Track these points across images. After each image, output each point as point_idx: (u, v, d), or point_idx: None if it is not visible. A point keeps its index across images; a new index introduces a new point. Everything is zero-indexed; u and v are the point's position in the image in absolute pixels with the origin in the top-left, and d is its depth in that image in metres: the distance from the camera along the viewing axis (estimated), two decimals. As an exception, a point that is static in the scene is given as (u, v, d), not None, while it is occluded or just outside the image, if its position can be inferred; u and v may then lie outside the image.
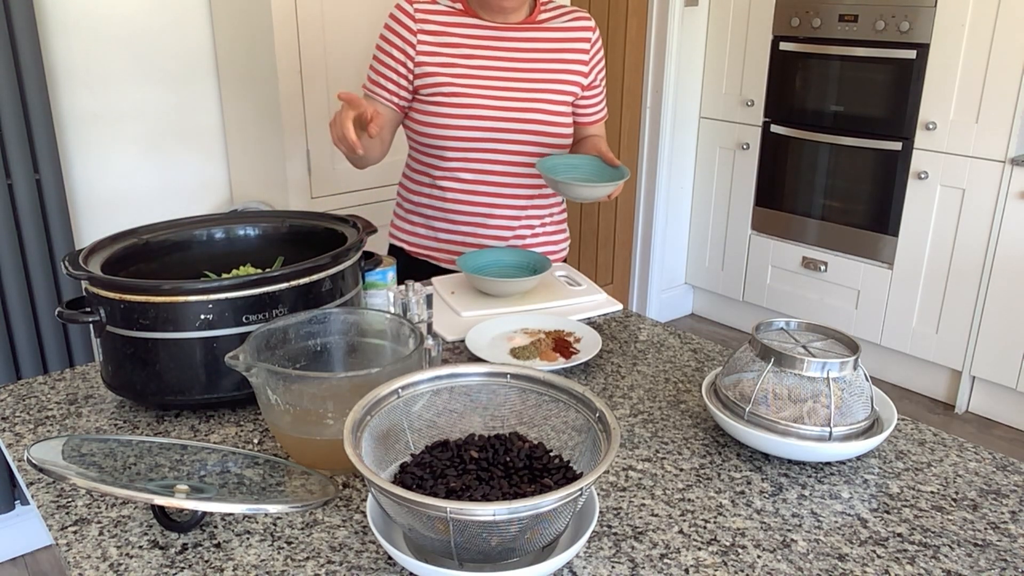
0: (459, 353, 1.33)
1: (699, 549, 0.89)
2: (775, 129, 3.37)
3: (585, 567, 0.86)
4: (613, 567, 0.86)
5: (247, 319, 1.09)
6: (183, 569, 0.85)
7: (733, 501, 0.97)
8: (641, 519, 0.93)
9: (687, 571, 0.85)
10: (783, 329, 1.13)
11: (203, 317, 1.07)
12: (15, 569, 2.30)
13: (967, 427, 3.00)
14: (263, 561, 0.86)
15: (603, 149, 1.59)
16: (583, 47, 1.64)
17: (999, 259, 2.82)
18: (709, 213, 3.73)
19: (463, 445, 0.91)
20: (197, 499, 0.84)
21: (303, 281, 1.13)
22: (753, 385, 1.06)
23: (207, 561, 0.86)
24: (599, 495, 0.98)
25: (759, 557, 0.88)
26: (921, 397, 3.20)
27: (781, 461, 1.05)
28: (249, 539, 0.90)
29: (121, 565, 0.86)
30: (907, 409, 3.12)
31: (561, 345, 1.31)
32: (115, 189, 2.38)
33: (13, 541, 2.33)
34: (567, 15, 1.65)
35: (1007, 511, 0.96)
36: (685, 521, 0.93)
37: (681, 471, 1.03)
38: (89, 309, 1.11)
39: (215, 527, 0.91)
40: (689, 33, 3.50)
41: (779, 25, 3.28)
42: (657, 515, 0.94)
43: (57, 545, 0.89)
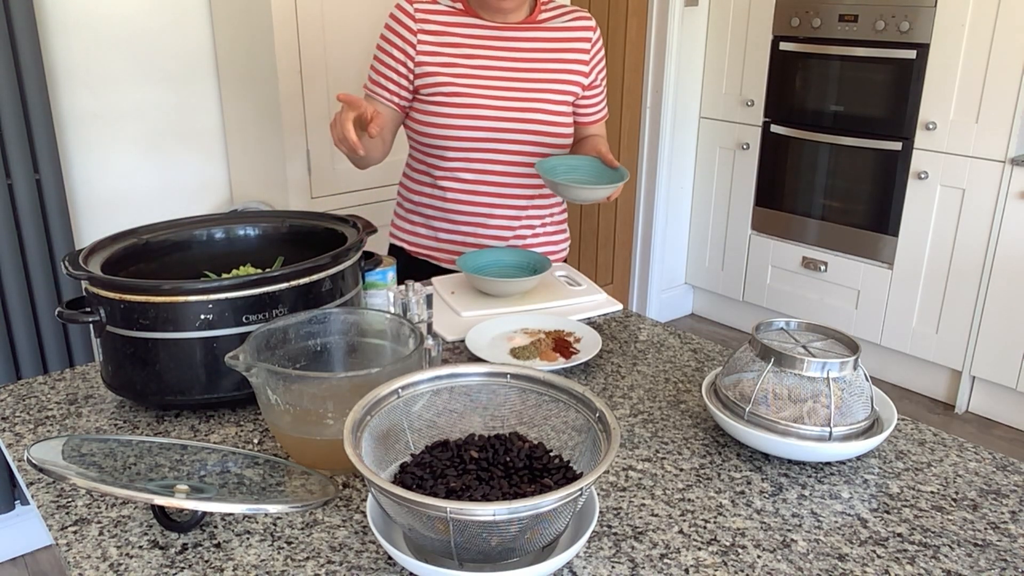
0: (459, 353, 1.33)
1: (699, 549, 0.89)
2: (775, 129, 3.37)
3: (585, 567, 0.86)
4: (613, 567, 0.86)
5: (247, 319, 1.09)
6: (183, 569, 0.85)
7: (733, 501, 0.97)
8: (641, 519, 0.93)
9: (687, 571, 0.85)
10: (783, 329, 1.13)
11: (203, 317, 1.07)
12: (15, 569, 2.30)
13: (967, 427, 3.00)
14: (263, 561, 0.86)
15: (603, 150, 1.59)
16: (584, 47, 1.64)
17: (999, 259, 2.82)
18: (709, 213, 3.73)
19: (463, 445, 0.91)
20: (197, 499, 0.84)
21: (303, 281, 1.13)
22: (753, 385, 1.06)
23: (207, 561, 0.86)
24: (599, 495, 0.98)
25: (759, 557, 0.88)
26: (921, 397, 3.20)
27: (781, 461, 1.05)
28: (249, 539, 0.90)
29: (121, 565, 0.86)
30: (907, 409, 3.12)
31: (561, 345, 1.31)
32: (115, 189, 2.38)
33: (13, 541, 2.33)
34: (568, 15, 1.64)
35: (1007, 511, 0.96)
36: (685, 521, 0.93)
37: (681, 471, 1.03)
38: (89, 309, 1.11)
39: (215, 527, 0.91)
40: (689, 33, 3.50)
41: (779, 25, 3.28)
42: (657, 515, 0.94)
43: (57, 545, 0.89)
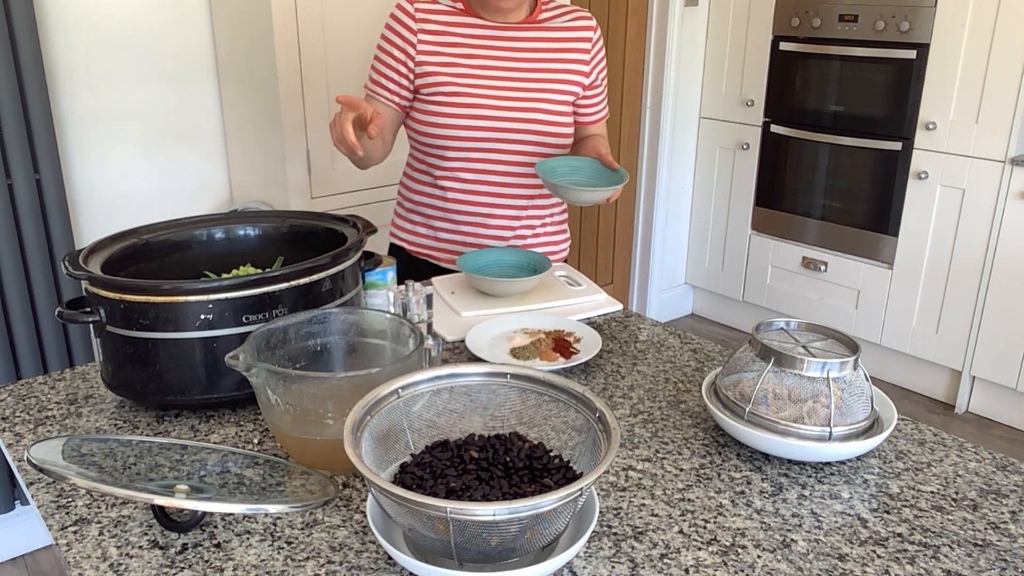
0: (459, 353, 1.33)
1: (699, 549, 0.89)
2: (775, 129, 3.37)
3: (585, 567, 0.86)
4: (613, 567, 0.86)
5: (247, 319, 1.09)
6: (183, 569, 0.85)
7: (733, 501, 0.97)
8: (641, 519, 0.93)
9: (687, 571, 0.85)
10: (783, 329, 1.13)
11: (203, 317, 1.07)
12: (15, 569, 2.30)
13: (967, 427, 3.00)
14: (263, 561, 0.86)
15: (602, 151, 1.58)
16: (584, 47, 1.64)
17: (999, 259, 2.82)
18: (709, 213, 3.73)
19: (463, 445, 0.91)
20: (197, 499, 0.84)
21: (303, 281, 1.13)
22: (753, 385, 1.06)
23: (207, 561, 0.86)
24: (599, 495, 0.98)
25: (759, 557, 0.88)
26: (921, 397, 3.20)
27: (781, 461, 1.05)
28: (249, 539, 0.90)
29: (121, 565, 0.86)
30: (907, 409, 3.12)
31: (561, 345, 1.31)
32: (115, 189, 2.38)
33: (13, 541, 2.33)
34: (568, 15, 1.64)
35: (1007, 511, 0.96)
36: (685, 521, 0.93)
37: (681, 471, 1.03)
38: (89, 309, 1.11)
39: (215, 527, 0.91)
40: (689, 33, 3.50)
41: (779, 25, 3.28)
42: (657, 515, 0.94)
43: (57, 545, 0.89)
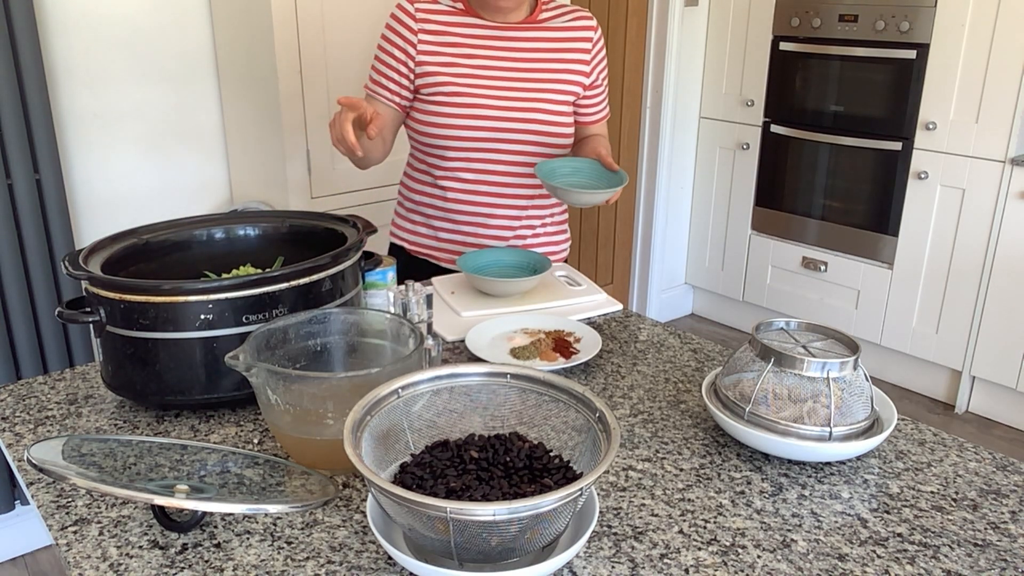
0: (459, 353, 1.33)
1: (699, 549, 0.89)
2: (775, 129, 3.37)
3: (585, 567, 0.86)
4: (613, 567, 0.86)
5: (247, 319, 1.09)
6: (183, 569, 0.85)
7: (733, 501, 0.97)
8: (641, 519, 0.93)
9: (687, 571, 0.85)
10: (783, 329, 1.13)
11: (203, 317, 1.07)
12: (15, 569, 2.30)
13: (967, 427, 3.00)
14: (263, 561, 0.86)
15: (602, 153, 1.58)
16: (585, 47, 1.64)
17: (999, 259, 2.82)
18: (709, 213, 3.73)
19: (463, 445, 0.91)
20: (197, 499, 0.84)
21: (303, 281, 1.13)
22: (753, 385, 1.06)
23: (207, 561, 0.86)
24: (599, 495, 0.98)
25: (759, 557, 0.88)
26: (921, 397, 3.20)
27: (781, 461, 1.05)
28: (249, 539, 0.90)
29: (121, 565, 0.86)
30: (907, 409, 3.12)
31: (561, 345, 1.31)
32: (115, 189, 2.38)
33: (13, 541, 2.33)
34: (568, 14, 1.64)
35: (1007, 511, 0.96)
36: (685, 521, 0.93)
37: (681, 471, 1.03)
38: (89, 309, 1.11)
39: (215, 527, 0.91)
40: (689, 33, 3.50)
41: (779, 25, 3.28)
42: (657, 515, 0.94)
43: (57, 545, 0.89)
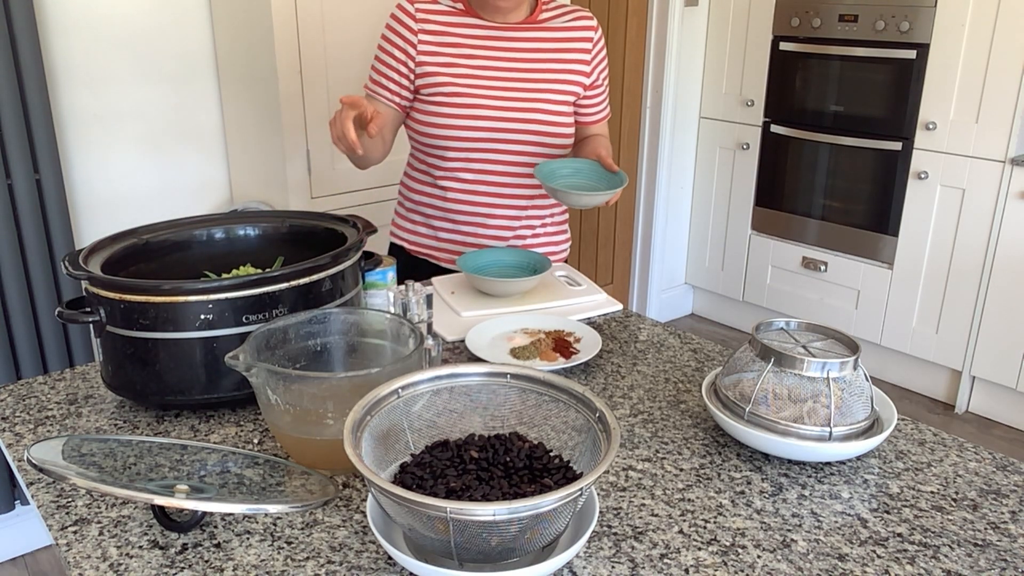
0: (459, 353, 1.33)
1: (699, 549, 0.89)
2: (775, 129, 3.37)
3: (585, 567, 0.86)
4: (613, 567, 0.86)
5: (247, 319, 1.09)
6: (183, 569, 0.85)
7: (733, 501, 0.97)
8: (641, 519, 0.93)
9: (687, 571, 0.85)
10: (783, 329, 1.13)
11: (203, 317, 1.07)
12: (15, 569, 2.30)
13: (967, 427, 3.00)
14: (263, 561, 0.86)
15: (602, 154, 1.58)
16: (585, 47, 1.64)
17: (999, 259, 2.82)
18: (709, 213, 3.73)
19: (463, 445, 0.91)
20: (197, 499, 0.84)
21: (303, 281, 1.13)
22: (753, 385, 1.06)
23: (207, 561, 0.86)
24: (599, 495, 0.98)
25: (759, 557, 0.88)
26: (921, 397, 3.20)
27: (781, 461, 1.05)
28: (249, 539, 0.90)
29: (121, 565, 0.86)
30: (907, 409, 3.12)
31: (561, 345, 1.31)
32: (115, 189, 2.38)
33: (13, 541, 2.33)
34: (569, 14, 1.64)
35: (1007, 511, 0.96)
36: (685, 521, 0.93)
37: (681, 471, 1.03)
38: (89, 309, 1.11)
39: (215, 527, 0.91)
40: (689, 33, 3.50)
41: (779, 25, 3.28)
42: (657, 515, 0.94)
43: (57, 545, 0.89)
